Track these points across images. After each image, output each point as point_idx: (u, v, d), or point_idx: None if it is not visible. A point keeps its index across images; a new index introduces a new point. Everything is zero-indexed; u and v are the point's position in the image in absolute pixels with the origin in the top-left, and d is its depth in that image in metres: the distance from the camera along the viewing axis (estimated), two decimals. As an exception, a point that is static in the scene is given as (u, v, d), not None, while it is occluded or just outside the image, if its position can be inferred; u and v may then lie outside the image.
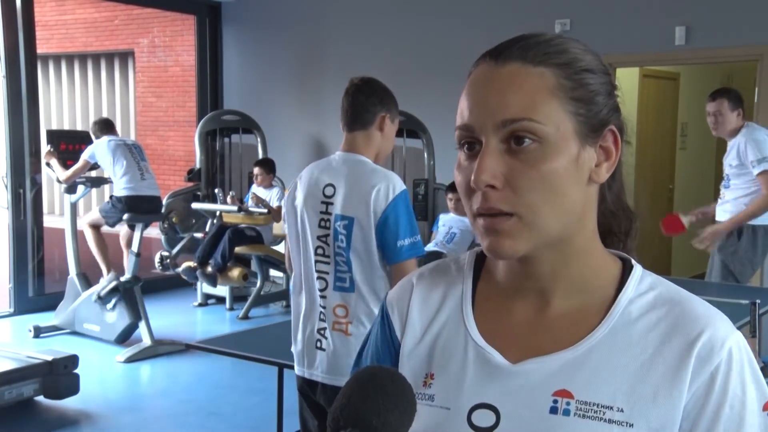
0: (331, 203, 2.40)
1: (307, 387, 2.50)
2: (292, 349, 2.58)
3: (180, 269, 6.70)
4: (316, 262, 2.43)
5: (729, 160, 4.68)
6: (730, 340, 0.85)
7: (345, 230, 2.37)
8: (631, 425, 0.83)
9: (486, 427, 0.88)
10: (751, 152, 4.50)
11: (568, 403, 0.85)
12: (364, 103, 2.45)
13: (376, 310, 2.37)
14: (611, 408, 0.84)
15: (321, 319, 2.44)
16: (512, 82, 0.85)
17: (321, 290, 2.43)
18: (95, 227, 6.08)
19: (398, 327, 0.99)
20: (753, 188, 4.59)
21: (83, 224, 6.10)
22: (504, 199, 0.84)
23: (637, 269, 0.92)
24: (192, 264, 6.63)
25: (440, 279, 0.99)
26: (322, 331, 2.43)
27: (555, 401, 0.86)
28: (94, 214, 6.06)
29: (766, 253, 4.76)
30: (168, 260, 6.93)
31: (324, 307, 2.43)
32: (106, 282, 5.93)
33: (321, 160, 2.54)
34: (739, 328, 2.96)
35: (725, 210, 4.71)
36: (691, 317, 0.87)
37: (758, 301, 3.24)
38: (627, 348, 0.86)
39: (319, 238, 2.42)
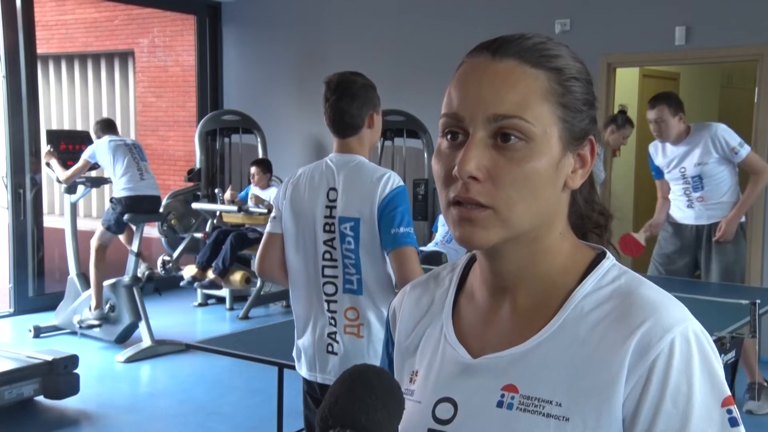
0: (335, 206, 2.39)
1: (318, 390, 2.49)
2: (294, 353, 2.56)
3: (182, 283, 6.77)
4: (324, 267, 2.41)
5: (695, 160, 4.60)
6: (674, 331, 0.82)
7: (352, 231, 2.36)
8: (567, 419, 0.84)
9: (445, 420, 0.92)
10: (730, 140, 4.49)
11: (512, 397, 0.88)
12: (350, 110, 2.41)
13: (385, 311, 2.39)
14: (550, 402, 0.85)
15: (331, 324, 2.42)
16: (508, 79, 0.86)
17: (331, 294, 2.42)
18: (101, 250, 5.97)
19: (393, 329, 1.06)
20: (728, 180, 4.60)
21: (91, 245, 5.99)
22: (484, 192, 0.85)
23: (605, 263, 0.92)
24: (193, 273, 6.69)
25: (432, 282, 1.05)
26: (332, 336, 2.42)
27: (502, 395, 0.88)
28: (98, 231, 5.98)
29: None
30: (170, 264, 6.96)
31: (335, 311, 2.42)
32: (91, 316, 5.89)
33: (317, 162, 2.51)
34: (738, 328, 2.93)
35: (718, 209, 4.64)
36: (637, 307, 0.85)
37: (758, 301, 3.24)
38: (573, 342, 0.87)
39: (325, 242, 2.40)
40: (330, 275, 2.41)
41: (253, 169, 6.92)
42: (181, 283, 6.80)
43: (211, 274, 6.61)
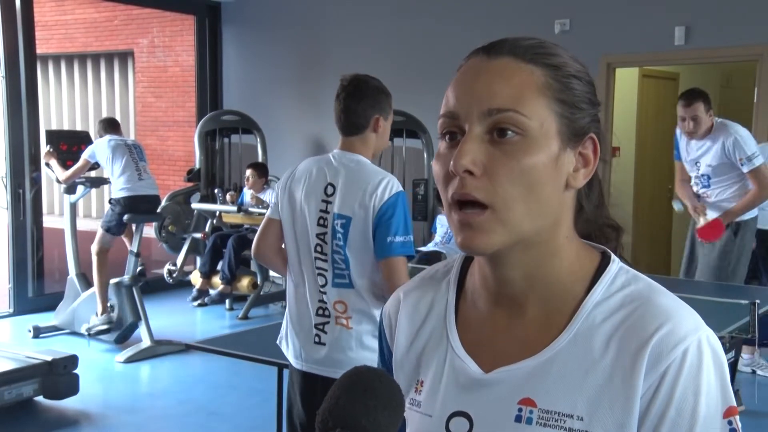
0: (330, 202, 2.42)
1: (300, 377, 2.53)
2: (281, 335, 2.60)
3: (190, 299, 6.83)
4: (316, 258, 2.46)
5: (707, 161, 4.61)
6: (688, 340, 0.82)
7: (342, 229, 2.40)
8: None
9: None
10: (739, 150, 4.46)
11: (531, 412, 0.86)
12: (356, 109, 2.45)
13: (372, 306, 2.43)
14: (571, 416, 0.84)
15: (321, 315, 2.46)
16: (502, 74, 0.85)
17: (321, 286, 2.46)
18: (102, 253, 5.93)
19: (389, 337, 1.03)
20: (737, 183, 4.59)
21: (92, 251, 5.95)
22: (480, 188, 0.83)
23: (612, 268, 0.90)
24: (198, 286, 6.75)
25: (428, 288, 1.01)
26: (321, 326, 2.46)
27: (520, 410, 0.87)
28: (99, 235, 5.93)
29: (750, 247, 4.76)
30: (176, 273, 6.98)
31: (325, 303, 2.46)
32: (98, 321, 5.83)
33: (319, 156, 2.55)
34: (738, 328, 2.92)
35: (716, 209, 4.67)
36: (651, 316, 0.84)
37: (758, 301, 3.24)
38: (588, 354, 0.85)
39: (317, 235, 2.44)
40: (321, 267, 2.45)
41: (248, 172, 6.90)
42: (189, 299, 6.83)
43: (218, 282, 6.64)
